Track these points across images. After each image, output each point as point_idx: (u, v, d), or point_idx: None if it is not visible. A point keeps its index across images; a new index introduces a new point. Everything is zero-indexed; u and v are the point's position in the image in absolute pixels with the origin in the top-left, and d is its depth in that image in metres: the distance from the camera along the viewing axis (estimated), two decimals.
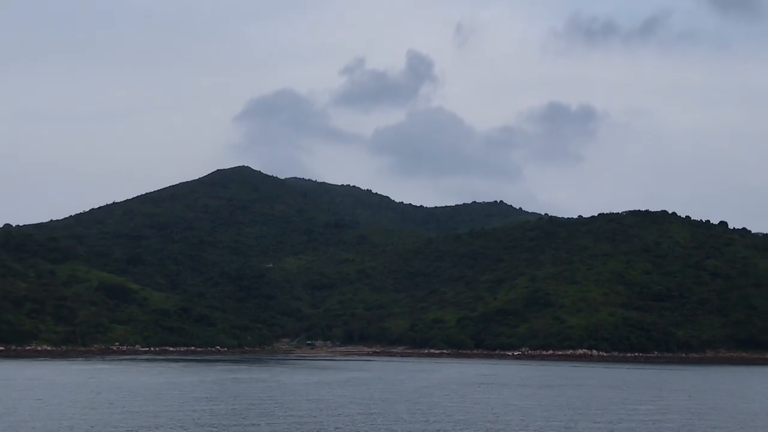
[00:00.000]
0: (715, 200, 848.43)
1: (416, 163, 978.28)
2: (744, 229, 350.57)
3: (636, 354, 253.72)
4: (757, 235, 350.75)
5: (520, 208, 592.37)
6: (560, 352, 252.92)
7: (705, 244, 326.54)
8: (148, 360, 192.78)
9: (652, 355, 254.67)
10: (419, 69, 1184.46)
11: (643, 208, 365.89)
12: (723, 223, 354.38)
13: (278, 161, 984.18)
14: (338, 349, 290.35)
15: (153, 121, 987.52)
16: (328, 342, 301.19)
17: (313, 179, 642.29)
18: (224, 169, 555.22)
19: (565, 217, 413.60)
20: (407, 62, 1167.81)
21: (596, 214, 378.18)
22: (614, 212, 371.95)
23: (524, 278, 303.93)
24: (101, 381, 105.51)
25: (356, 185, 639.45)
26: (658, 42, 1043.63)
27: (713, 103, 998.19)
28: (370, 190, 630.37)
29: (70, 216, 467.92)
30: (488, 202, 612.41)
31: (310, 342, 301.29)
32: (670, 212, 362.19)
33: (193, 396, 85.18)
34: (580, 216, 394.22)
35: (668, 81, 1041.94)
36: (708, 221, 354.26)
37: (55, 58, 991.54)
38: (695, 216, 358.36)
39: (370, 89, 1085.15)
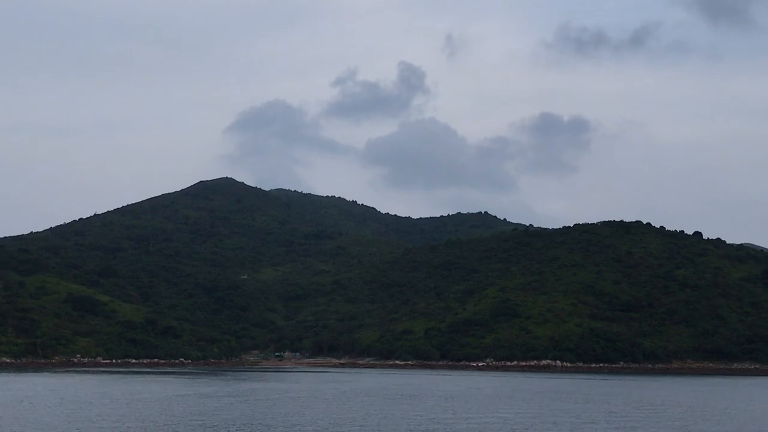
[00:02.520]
0: (705, 211, 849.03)
1: (409, 174, 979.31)
2: (718, 239, 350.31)
3: (601, 365, 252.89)
4: (731, 245, 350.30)
5: (505, 219, 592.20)
6: (524, 363, 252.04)
7: (677, 254, 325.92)
8: (91, 372, 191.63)
9: (617, 365, 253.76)
10: (411, 80, 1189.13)
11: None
12: (697, 234, 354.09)
13: (269, 173, 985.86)
14: (306, 360, 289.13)
15: (141, 133, 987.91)
16: (297, 354, 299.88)
17: (302, 191, 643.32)
18: (207, 181, 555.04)
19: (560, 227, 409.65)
20: (399, 74, 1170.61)
21: (572, 225, 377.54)
22: (589, 223, 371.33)
23: (494, 289, 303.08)
24: None
25: (342, 196, 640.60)
26: (648, 53, 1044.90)
27: (705, 115, 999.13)
28: (356, 201, 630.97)
29: (50, 228, 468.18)
30: (473, 213, 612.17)
31: (278, 354, 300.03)
32: (645, 222, 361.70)
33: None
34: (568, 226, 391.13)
35: (659, 92, 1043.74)
36: (682, 231, 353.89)
37: (40, 70, 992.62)
38: (678, 227, 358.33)
39: (362, 100, 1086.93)
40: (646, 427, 68.12)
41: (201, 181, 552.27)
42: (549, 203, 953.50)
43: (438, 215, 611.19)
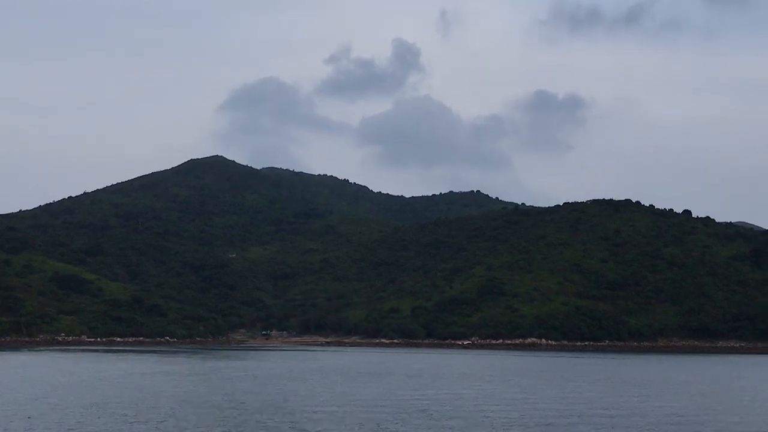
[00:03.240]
0: (700, 189, 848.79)
1: (404, 152, 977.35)
2: (707, 217, 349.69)
3: (586, 343, 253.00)
4: (720, 224, 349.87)
5: (497, 198, 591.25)
6: (510, 341, 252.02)
7: (666, 232, 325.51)
8: (73, 351, 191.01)
9: (602, 343, 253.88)
10: (406, 58, 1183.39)
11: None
12: (687, 212, 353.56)
13: (262, 151, 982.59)
14: (293, 339, 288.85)
15: (133, 111, 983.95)
16: (284, 332, 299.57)
17: (294, 169, 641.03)
18: (198, 159, 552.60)
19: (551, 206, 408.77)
20: (394, 51, 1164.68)
21: (561, 203, 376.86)
22: (578, 201, 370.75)
23: (481, 267, 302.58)
24: None
25: (334, 175, 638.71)
26: (643, 30, 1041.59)
27: (700, 93, 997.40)
28: (347, 180, 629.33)
29: (39, 206, 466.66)
30: (465, 192, 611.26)
31: (265, 332, 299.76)
32: (634, 201, 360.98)
33: None
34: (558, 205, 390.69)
35: (655, 70, 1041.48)
36: (671, 210, 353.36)
37: (29, 47, 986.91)
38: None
39: (356, 78, 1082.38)
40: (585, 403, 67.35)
41: (191, 159, 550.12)
42: (544, 181, 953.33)
43: (430, 194, 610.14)
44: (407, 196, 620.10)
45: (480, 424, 54.08)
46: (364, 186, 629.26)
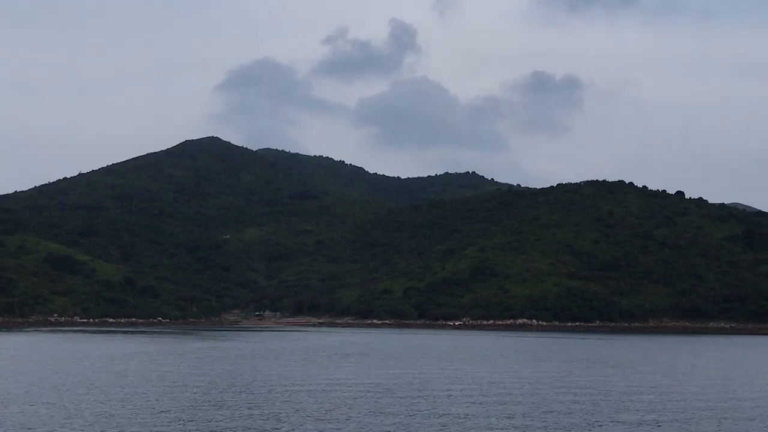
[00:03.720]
0: (697, 171, 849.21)
1: (401, 133, 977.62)
2: (700, 198, 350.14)
3: (577, 323, 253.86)
4: (712, 205, 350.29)
5: (492, 179, 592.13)
6: (500, 322, 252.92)
7: (658, 213, 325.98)
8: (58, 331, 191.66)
9: (593, 324, 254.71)
10: (403, 38, 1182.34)
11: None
12: (680, 193, 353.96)
13: (259, 132, 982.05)
14: (286, 320, 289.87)
15: (129, 92, 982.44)
16: (278, 313, 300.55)
17: (291, 151, 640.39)
18: (193, 140, 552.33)
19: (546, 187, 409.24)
20: (390, 32, 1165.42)
21: (555, 185, 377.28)
22: (571, 182, 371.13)
23: (473, 248, 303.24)
24: None
25: (330, 156, 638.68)
26: (641, 10, 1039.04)
27: (698, 73, 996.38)
28: (343, 161, 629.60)
29: (34, 187, 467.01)
30: (460, 173, 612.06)
31: (258, 313, 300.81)
32: (627, 182, 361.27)
33: None
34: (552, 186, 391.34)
35: (652, 50, 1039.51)
36: (664, 191, 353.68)
37: (27, 28, 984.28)
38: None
39: (353, 59, 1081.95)
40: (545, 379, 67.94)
41: (187, 141, 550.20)
42: (541, 163, 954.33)
43: (426, 175, 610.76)
44: (403, 177, 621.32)
45: (428, 398, 54.67)
46: (360, 167, 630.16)
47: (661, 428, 45.00)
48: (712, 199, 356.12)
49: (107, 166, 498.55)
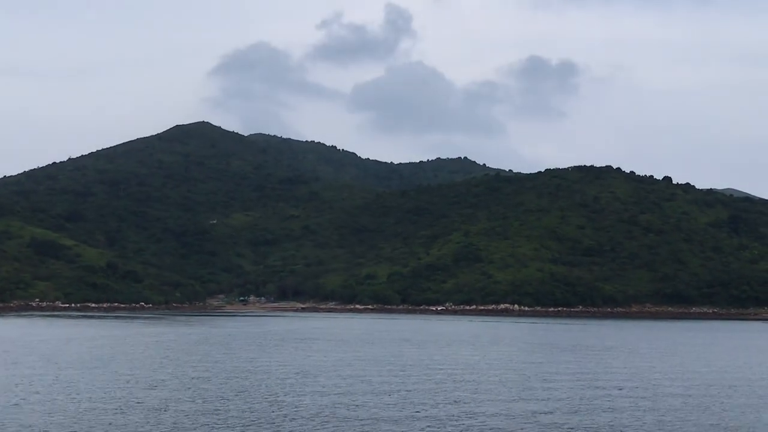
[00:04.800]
0: (692, 156, 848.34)
1: (397, 118, 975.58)
2: (687, 184, 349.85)
3: (559, 309, 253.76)
4: (700, 190, 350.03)
5: (484, 164, 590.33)
6: (483, 307, 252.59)
7: (645, 199, 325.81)
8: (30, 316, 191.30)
9: (576, 309, 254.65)
10: (398, 23, 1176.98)
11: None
12: (667, 178, 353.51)
13: (254, 117, 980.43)
14: (270, 305, 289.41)
15: (122, 76, 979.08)
16: (262, 298, 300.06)
17: (285, 136, 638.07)
18: (183, 125, 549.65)
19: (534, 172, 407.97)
20: (386, 16, 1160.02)
21: (543, 170, 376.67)
22: (558, 168, 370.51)
23: (458, 234, 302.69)
24: None
25: (322, 141, 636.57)
26: None
27: (694, 59, 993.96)
28: (335, 146, 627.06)
29: (23, 172, 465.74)
30: (452, 158, 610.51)
31: (243, 298, 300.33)
32: (616, 167, 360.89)
33: None
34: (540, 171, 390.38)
35: (648, 36, 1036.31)
36: (651, 176, 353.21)
37: (18, 11, 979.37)
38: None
39: (348, 44, 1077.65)
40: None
41: (177, 125, 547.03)
42: (536, 148, 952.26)
43: (418, 161, 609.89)
44: (397, 162, 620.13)
45: (347, 380, 54.21)
46: (352, 152, 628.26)
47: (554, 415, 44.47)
48: (708, 185, 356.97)
49: (96, 150, 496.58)
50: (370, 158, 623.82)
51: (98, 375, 56.18)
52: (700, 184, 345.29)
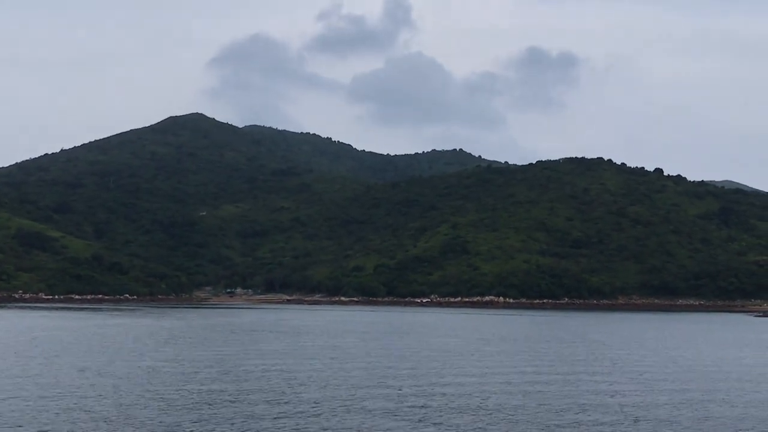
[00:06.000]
0: (691, 148, 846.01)
1: (396, 110, 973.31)
2: (679, 176, 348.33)
3: (545, 300, 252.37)
4: (691, 182, 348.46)
5: (480, 156, 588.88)
6: (468, 299, 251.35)
7: (635, 191, 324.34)
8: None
9: (562, 301, 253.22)
10: (397, 14, 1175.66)
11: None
12: (658, 170, 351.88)
13: (252, 109, 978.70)
14: (257, 297, 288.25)
15: (120, 68, 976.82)
16: (249, 290, 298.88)
17: (282, 128, 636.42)
18: (177, 116, 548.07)
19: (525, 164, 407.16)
20: (385, 7, 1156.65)
21: (534, 162, 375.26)
22: (551, 159, 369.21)
23: (446, 225, 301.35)
24: None
25: (318, 133, 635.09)
26: None
27: (694, 50, 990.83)
28: (330, 138, 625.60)
29: (15, 163, 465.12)
30: (448, 150, 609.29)
31: (229, 290, 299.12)
32: (606, 159, 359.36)
33: None
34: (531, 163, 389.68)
35: (649, 26, 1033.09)
36: (642, 168, 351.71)
37: (13, 2, 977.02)
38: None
39: (347, 35, 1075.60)
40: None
41: (170, 117, 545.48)
42: (536, 140, 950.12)
43: (405, 152, 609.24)
44: (393, 154, 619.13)
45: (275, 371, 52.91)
46: (348, 144, 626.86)
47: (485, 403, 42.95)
48: (706, 177, 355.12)
49: (89, 142, 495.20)
50: (366, 150, 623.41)
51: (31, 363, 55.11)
52: (698, 176, 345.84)
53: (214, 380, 49.12)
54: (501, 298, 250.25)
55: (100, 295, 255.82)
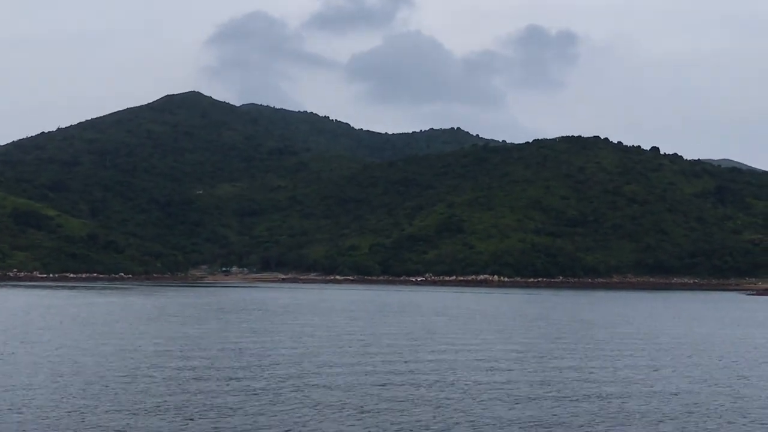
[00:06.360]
0: (692, 127, 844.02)
1: (395, 89, 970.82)
2: (675, 154, 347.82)
3: (540, 279, 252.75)
4: (687, 161, 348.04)
5: (477, 135, 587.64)
6: (462, 278, 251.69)
7: (632, 169, 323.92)
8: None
9: (556, 280, 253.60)
10: None
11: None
12: (654, 149, 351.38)
13: (251, 87, 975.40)
14: (252, 276, 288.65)
15: (116, 46, 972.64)
16: (245, 269, 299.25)
17: (279, 106, 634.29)
18: (174, 95, 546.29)
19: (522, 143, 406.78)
20: None
21: (531, 141, 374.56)
22: (547, 138, 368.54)
23: (442, 205, 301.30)
24: None
25: (315, 112, 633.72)
26: None
27: (695, 28, 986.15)
28: (328, 117, 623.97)
29: (12, 142, 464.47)
30: (445, 129, 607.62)
31: (225, 269, 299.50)
32: (603, 138, 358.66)
33: None
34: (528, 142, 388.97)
35: (649, 4, 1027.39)
36: (639, 147, 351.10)
37: None
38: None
39: (345, 12, 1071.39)
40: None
41: (167, 95, 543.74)
42: (536, 119, 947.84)
43: (402, 131, 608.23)
44: (391, 132, 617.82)
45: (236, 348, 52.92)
46: (346, 123, 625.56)
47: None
48: (705, 155, 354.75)
49: (86, 120, 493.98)
50: (364, 129, 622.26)
51: None
52: (697, 154, 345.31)
53: (177, 357, 49.15)
54: (495, 277, 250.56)
55: (95, 274, 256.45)
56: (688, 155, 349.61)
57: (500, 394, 37.77)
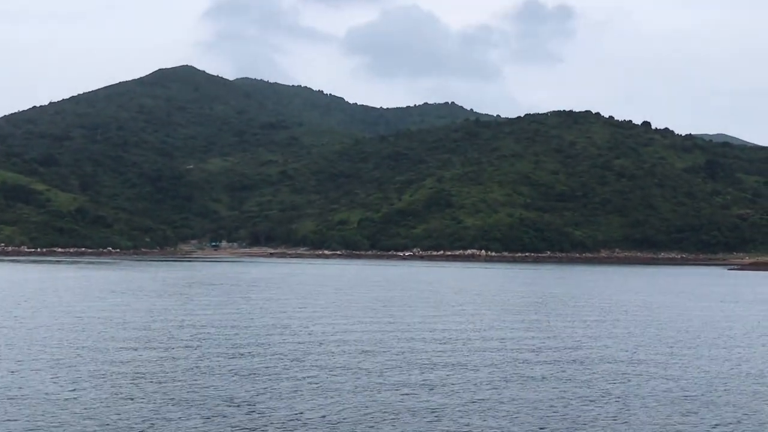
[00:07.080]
0: (689, 101, 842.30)
1: (391, 63, 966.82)
2: (666, 129, 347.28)
3: (527, 254, 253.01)
4: (678, 135, 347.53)
5: (472, 110, 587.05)
6: (450, 253, 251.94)
7: (622, 144, 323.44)
8: None
9: (544, 255, 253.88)
10: None
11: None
12: (646, 123, 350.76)
13: (246, 61, 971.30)
14: (241, 250, 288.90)
15: (110, 19, 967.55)
16: (234, 243, 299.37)
17: (273, 80, 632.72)
18: (166, 69, 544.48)
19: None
20: None
21: (522, 115, 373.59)
22: (539, 113, 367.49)
23: (432, 179, 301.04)
24: None
25: (309, 86, 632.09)
26: None
27: (692, 3, 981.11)
28: (322, 91, 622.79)
29: (3, 116, 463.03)
30: (440, 104, 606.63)
31: (214, 243, 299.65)
32: (594, 112, 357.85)
33: None
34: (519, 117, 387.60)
35: None
36: (630, 121, 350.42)
37: None
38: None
39: None
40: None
41: (159, 69, 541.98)
42: (533, 93, 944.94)
43: (397, 106, 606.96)
44: (386, 107, 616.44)
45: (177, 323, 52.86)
46: (340, 97, 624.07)
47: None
48: (700, 130, 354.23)
49: (77, 95, 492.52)
50: (359, 103, 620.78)
51: None
52: (691, 129, 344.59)
53: (125, 329, 49.08)
54: (483, 252, 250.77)
55: (83, 249, 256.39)
56: (684, 130, 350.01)
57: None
